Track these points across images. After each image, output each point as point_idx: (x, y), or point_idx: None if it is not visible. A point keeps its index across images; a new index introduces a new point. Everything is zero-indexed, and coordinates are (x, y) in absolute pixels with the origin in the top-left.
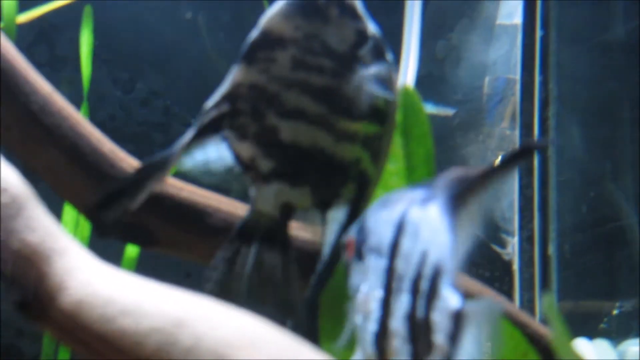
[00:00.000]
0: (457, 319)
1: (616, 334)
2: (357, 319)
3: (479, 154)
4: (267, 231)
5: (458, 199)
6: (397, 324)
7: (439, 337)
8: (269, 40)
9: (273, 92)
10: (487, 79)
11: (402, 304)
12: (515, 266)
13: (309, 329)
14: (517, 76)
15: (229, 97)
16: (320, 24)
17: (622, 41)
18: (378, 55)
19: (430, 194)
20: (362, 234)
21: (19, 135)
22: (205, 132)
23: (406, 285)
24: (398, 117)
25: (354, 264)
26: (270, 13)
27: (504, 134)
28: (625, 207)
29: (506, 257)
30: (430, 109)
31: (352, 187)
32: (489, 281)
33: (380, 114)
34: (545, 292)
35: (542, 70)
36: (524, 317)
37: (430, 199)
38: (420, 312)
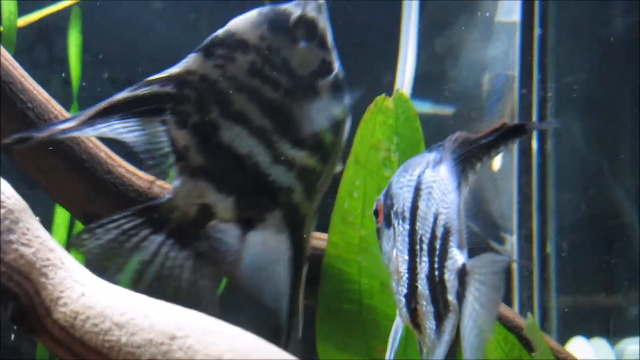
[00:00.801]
0: (462, 275)
1: (614, 332)
2: (392, 284)
3: None
4: (178, 228)
5: (463, 160)
6: (422, 285)
7: (452, 297)
8: (232, 40)
9: (223, 90)
10: (486, 76)
11: (423, 266)
12: (514, 264)
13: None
14: (516, 73)
15: (177, 80)
16: (286, 41)
17: (620, 38)
18: (336, 92)
19: (441, 156)
20: (389, 199)
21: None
22: (144, 107)
23: (425, 246)
24: (391, 121)
25: (384, 231)
26: (241, 17)
27: None
28: (624, 204)
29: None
30: (428, 108)
31: (279, 215)
32: None
33: (323, 151)
34: (544, 291)
35: (540, 67)
36: (519, 320)
37: (441, 160)
38: (437, 274)
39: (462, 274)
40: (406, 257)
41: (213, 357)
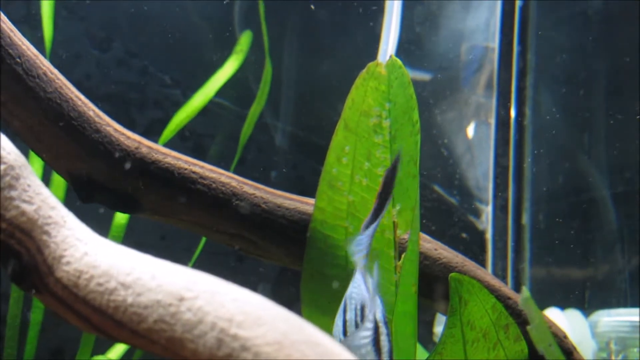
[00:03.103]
0: None
1: (588, 304)
2: None
3: (455, 121)
4: None
5: None
6: None
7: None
8: None
9: None
10: (464, 47)
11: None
12: (489, 235)
13: None
14: (496, 45)
15: None
16: None
17: (601, 12)
18: None
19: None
20: None
21: (3, 98)
22: None
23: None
24: (383, 87)
25: None
26: None
27: (479, 102)
28: (598, 179)
29: (480, 226)
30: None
31: None
32: (462, 250)
33: None
34: (519, 262)
35: (520, 39)
36: (505, 289)
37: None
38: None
39: None
40: None
41: (223, 319)
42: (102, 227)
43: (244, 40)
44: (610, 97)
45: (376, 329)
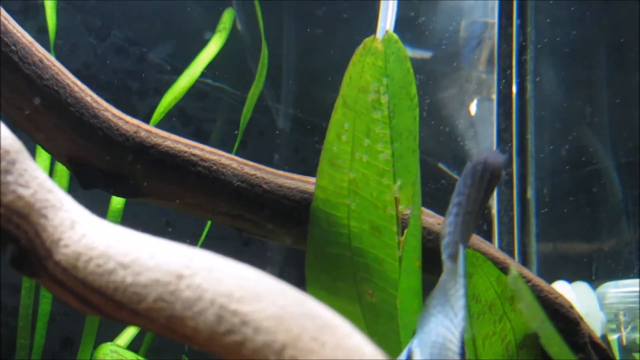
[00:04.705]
0: None
1: (596, 275)
2: None
3: (457, 98)
4: None
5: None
6: None
7: None
8: None
9: None
10: (463, 23)
11: None
12: (494, 210)
13: None
14: (495, 20)
15: None
16: None
17: None
18: None
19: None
20: None
21: (1, 88)
22: None
23: None
24: (380, 63)
25: None
26: None
27: (480, 78)
28: (601, 150)
29: None
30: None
31: None
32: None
33: None
34: (525, 236)
35: (519, 13)
36: (509, 262)
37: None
38: None
39: None
40: None
41: (222, 295)
42: (98, 214)
43: (227, 18)
44: (612, 67)
45: None
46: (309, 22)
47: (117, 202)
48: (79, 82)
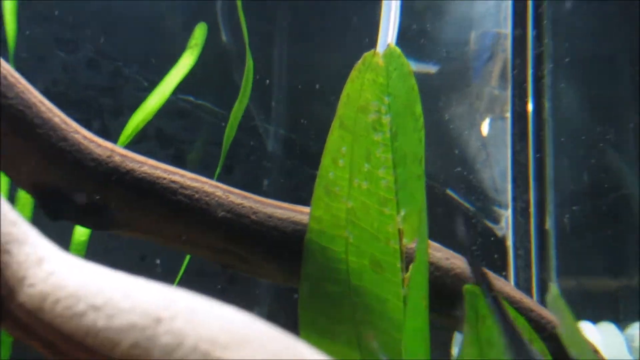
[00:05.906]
0: None
1: (623, 315)
2: None
3: (467, 116)
4: None
5: None
6: None
7: None
8: None
9: None
10: (473, 34)
11: None
12: (509, 242)
13: None
14: (508, 30)
15: None
16: None
17: None
18: None
19: None
20: None
21: None
22: None
23: None
24: (381, 80)
25: None
26: None
27: (493, 95)
28: (627, 174)
29: (499, 232)
30: (411, 66)
31: None
32: (481, 259)
33: None
34: (544, 271)
35: (535, 23)
36: (526, 301)
37: None
38: None
39: None
40: None
41: (205, 340)
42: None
43: (199, 34)
44: (635, 83)
45: None
46: (302, 35)
47: (80, 233)
48: (46, 101)
